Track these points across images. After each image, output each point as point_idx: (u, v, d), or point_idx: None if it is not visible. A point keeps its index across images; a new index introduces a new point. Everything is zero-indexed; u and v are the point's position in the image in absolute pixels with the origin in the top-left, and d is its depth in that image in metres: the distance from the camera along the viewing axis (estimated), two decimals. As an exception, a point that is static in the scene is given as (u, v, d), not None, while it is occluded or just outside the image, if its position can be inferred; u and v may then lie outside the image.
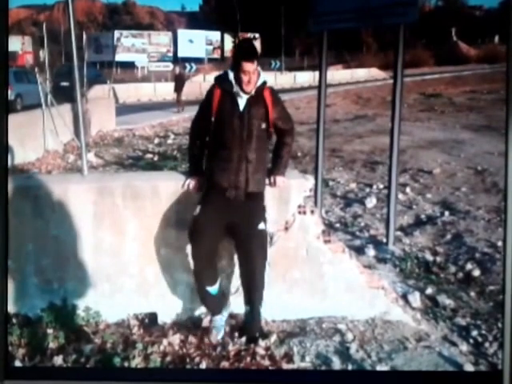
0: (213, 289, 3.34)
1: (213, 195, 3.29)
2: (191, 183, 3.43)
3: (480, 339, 3.61)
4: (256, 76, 3.21)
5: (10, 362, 2.91)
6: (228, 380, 2.86)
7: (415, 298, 4.08)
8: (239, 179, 3.24)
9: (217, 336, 3.36)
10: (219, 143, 3.28)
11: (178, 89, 20.19)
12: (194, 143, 3.47)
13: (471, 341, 3.60)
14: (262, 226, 3.27)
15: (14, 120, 10.18)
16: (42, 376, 2.77)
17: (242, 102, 3.24)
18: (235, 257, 3.42)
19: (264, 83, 3.28)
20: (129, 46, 46.29)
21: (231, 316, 3.52)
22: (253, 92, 3.23)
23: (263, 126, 3.28)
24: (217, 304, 3.42)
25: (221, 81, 3.30)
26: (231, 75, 3.24)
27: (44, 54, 19.22)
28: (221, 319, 3.41)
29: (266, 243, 3.32)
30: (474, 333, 3.68)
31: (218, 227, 3.27)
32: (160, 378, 2.84)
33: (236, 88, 3.21)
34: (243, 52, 3.22)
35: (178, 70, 23.06)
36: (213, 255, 3.33)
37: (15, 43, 35.32)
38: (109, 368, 3.08)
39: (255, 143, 3.25)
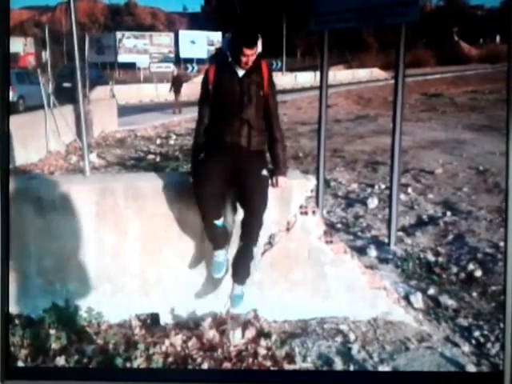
0: (219, 222, 3.38)
1: (216, 150, 3.40)
2: None
3: (482, 340, 3.61)
4: (254, 56, 3.31)
5: (11, 362, 2.91)
6: (229, 380, 2.86)
7: (417, 299, 4.08)
8: (241, 140, 3.36)
9: (218, 272, 3.43)
10: (220, 108, 3.39)
11: (176, 90, 20.09)
12: (200, 128, 3.49)
13: (473, 341, 3.60)
14: (264, 172, 3.36)
15: (16, 121, 10.21)
16: (42, 376, 2.77)
17: (240, 71, 3.36)
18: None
19: (260, 54, 3.39)
20: (130, 46, 46.31)
21: (232, 317, 3.52)
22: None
23: (261, 93, 3.38)
24: (222, 236, 3.44)
25: (215, 57, 3.43)
26: (227, 52, 3.37)
27: (46, 55, 19.24)
28: (224, 254, 3.43)
29: (268, 188, 3.37)
30: (476, 333, 3.68)
31: (221, 170, 3.33)
32: (161, 379, 2.84)
33: (232, 60, 3.34)
34: (244, 39, 3.30)
35: (175, 71, 22.96)
36: (216, 195, 3.35)
37: (17, 44, 35.33)
38: (110, 368, 3.09)
39: (255, 109, 3.37)
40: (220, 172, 3.32)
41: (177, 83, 20.44)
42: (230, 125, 3.35)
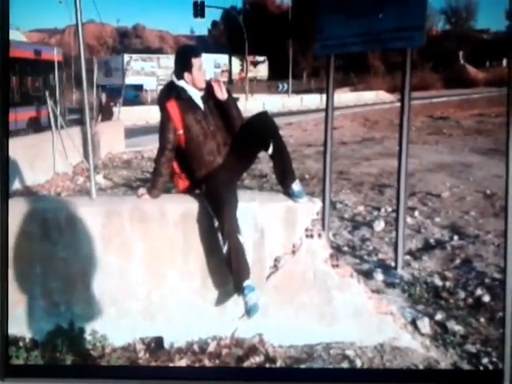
0: (241, 236, 3.28)
1: (209, 175, 3.51)
2: (144, 196, 3.57)
3: (491, 367, 3.55)
4: (203, 72, 3.52)
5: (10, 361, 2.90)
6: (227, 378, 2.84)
7: (424, 324, 4.02)
8: (225, 152, 3.54)
9: (255, 313, 3.23)
10: (195, 146, 3.49)
11: (106, 120, 16.57)
12: (162, 155, 3.56)
13: (481, 368, 3.54)
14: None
15: (23, 142, 10.30)
16: (42, 374, 2.75)
17: (199, 101, 3.48)
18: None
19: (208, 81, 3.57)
20: (138, 69, 46.78)
21: (237, 343, 3.47)
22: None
23: (223, 107, 3.52)
24: (246, 258, 3.30)
25: (171, 92, 3.51)
26: (181, 82, 3.47)
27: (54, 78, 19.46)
28: (255, 289, 3.24)
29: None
30: (485, 360, 3.62)
31: (230, 168, 3.49)
32: (162, 376, 2.82)
33: (192, 91, 3.47)
34: (189, 49, 3.66)
35: (104, 97, 18.23)
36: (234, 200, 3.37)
37: (27, 66, 35.70)
38: (110, 366, 3.08)
39: (224, 126, 3.53)
40: (228, 176, 3.43)
41: (106, 113, 17.00)
42: (213, 163, 3.50)
